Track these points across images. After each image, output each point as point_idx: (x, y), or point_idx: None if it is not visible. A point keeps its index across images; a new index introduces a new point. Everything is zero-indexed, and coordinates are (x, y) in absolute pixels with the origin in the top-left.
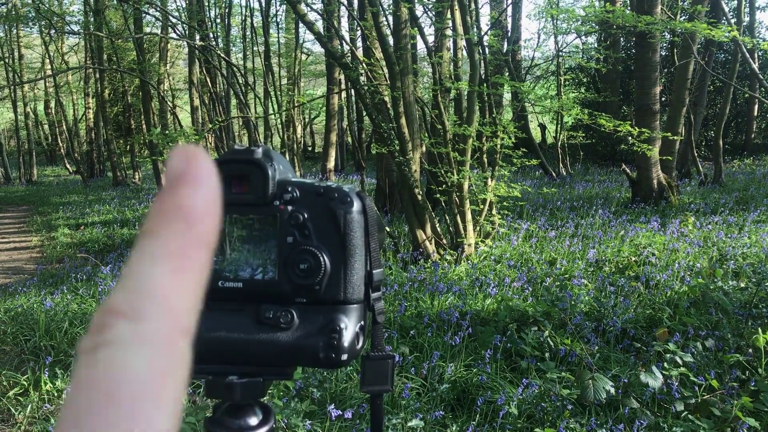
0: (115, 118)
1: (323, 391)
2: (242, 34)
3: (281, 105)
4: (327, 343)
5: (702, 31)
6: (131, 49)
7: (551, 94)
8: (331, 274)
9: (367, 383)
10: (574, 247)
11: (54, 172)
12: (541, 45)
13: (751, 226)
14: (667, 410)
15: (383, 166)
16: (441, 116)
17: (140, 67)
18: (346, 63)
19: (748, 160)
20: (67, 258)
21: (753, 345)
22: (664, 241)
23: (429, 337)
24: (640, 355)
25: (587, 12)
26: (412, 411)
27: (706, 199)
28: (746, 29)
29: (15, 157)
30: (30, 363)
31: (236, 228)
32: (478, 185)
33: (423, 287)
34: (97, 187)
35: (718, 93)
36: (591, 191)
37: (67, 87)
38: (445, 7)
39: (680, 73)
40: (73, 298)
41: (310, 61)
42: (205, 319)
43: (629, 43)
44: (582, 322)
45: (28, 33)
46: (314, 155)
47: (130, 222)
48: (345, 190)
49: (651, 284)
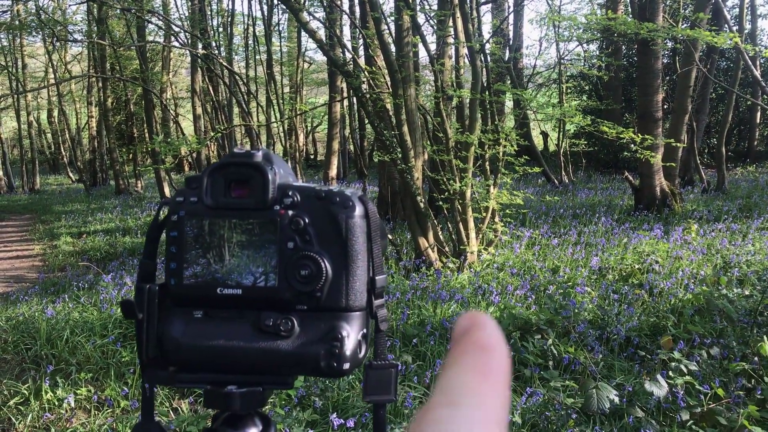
0: (118, 127)
1: (325, 400)
2: (245, 42)
3: (283, 113)
4: (328, 351)
5: (704, 38)
6: (134, 58)
7: (553, 102)
8: (332, 281)
9: (369, 393)
10: (577, 254)
11: (57, 181)
12: (543, 53)
13: (755, 233)
14: (672, 419)
15: (385, 173)
16: (443, 124)
17: (143, 76)
18: (348, 71)
19: (751, 168)
20: (69, 266)
21: (758, 353)
22: (668, 249)
23: (432, 346)
24: (645, 364)
25: (589, 19)
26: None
27: (709, 207)
28: (748, 37)
29: (18, 165)
30: (31, 372)
31: (236, 233)
32: (480, 193)
33: (425, 295)
34: (100, 195)
35: (721, 100)
36: (594, 199)
37: (70, 96)
38: (447, 15)
39: (682, 81)
40: (75, 307)
41: (313, 70)
42: (203, 326)
43: (631, 50)
44: (586, 330)
45: (32, 42)
46: (316, 163)
47: (132, 230)
48: (347, 194)
49: (655, 292)
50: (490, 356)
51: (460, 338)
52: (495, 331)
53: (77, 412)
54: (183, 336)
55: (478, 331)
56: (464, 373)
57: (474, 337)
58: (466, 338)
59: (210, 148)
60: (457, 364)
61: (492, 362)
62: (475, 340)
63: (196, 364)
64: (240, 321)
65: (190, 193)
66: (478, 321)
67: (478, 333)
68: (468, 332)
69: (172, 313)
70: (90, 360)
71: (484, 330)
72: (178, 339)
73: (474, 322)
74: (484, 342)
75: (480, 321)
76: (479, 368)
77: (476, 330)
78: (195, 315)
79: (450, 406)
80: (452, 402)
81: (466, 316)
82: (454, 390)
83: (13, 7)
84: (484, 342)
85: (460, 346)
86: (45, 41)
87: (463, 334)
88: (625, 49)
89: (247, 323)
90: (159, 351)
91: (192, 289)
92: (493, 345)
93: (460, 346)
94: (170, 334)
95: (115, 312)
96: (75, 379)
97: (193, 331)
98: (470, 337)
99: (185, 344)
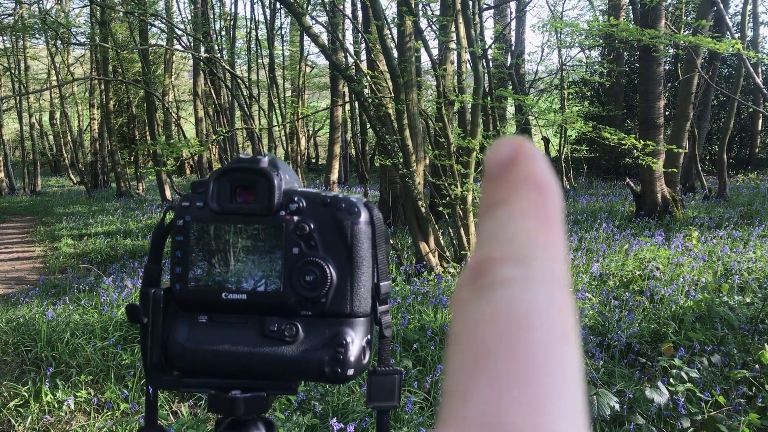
0: (120, 129)
1: (325, 405)
2: (247, 46)
3: (285, 117)
4: (333, 357)
5: (706, 44)
6: (136, 61)
7: (555, 108)
8: (337, 287)
9: (373, 399)
10: (578, 260)
11: (58, 183)
12: (544, 58)
13: (756, 240)
14: (673, 426)
15: (386, 178)
16: (445, 129)
17: (145, 79)
18: (350, 75)
19: (753, 175)
20: (69, 268)
21: (759, 361)
22: (669, 256)
23: (432, 351)
24: (646, 371)
25: (591, 26)
26: (415, 425)
27: (710, 214)
28: (750, 44)
29: (20, 167)
30: (31, 374)
31: (241, 238)
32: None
33: (426, 300)
34: (101, 197)
35: (722, 107)
36: (595, 205)
37: (72, 98)
38: (449, 20)
39: (684, 87)
40: (75, 309)
41: (315, 74)
42: (208, 331)
43: (633, 57)
44: (586, 336)
45: (35, 44)
46: (318, 167)
47: (133, 233)
48: (352, 200)
49: (656, 299)
50: (547, 197)
51: (504, 171)
52: (547, 167)
53: (77, 415)
54: (188, 341)
55: (527, 164)
56: (523, 218)
57: (524, 171)
58: (515, 171)
59: (212, 151)
60: (509, 204)
61: (550, 204)
62: (527, 175)
63: (201, 368)
64: (245, 326)
65: (196, 198)
66: (525, 151)
67: (529, 166)
68: (514, 164)
69: (177, 318)
70: (90, 362)
71: (536, 163)
72: (182, 344)
73: (519, 152)
74: (539, 178)
75: (527, 151)
76: (539, 212)
77: (525, 162)
78: (200, 320)
79: (519, 264)
80: (520, 257)
81: (506, 143)
82: (517, 240)
83: (17, 10)
84: (539, 178)
85: (509, 181)
86: (48, 43)
87: (508, 165)
88: (627, 55)
89: (251, 328)
90: (164, 355)
91: (197, 293)
92: (549, 182)
93: (508, 181)
94: (175, 338)
95: (115, 314)
96: (75, 382)
97: (197, 335)
98: (520, 171)
99: (190, 349)
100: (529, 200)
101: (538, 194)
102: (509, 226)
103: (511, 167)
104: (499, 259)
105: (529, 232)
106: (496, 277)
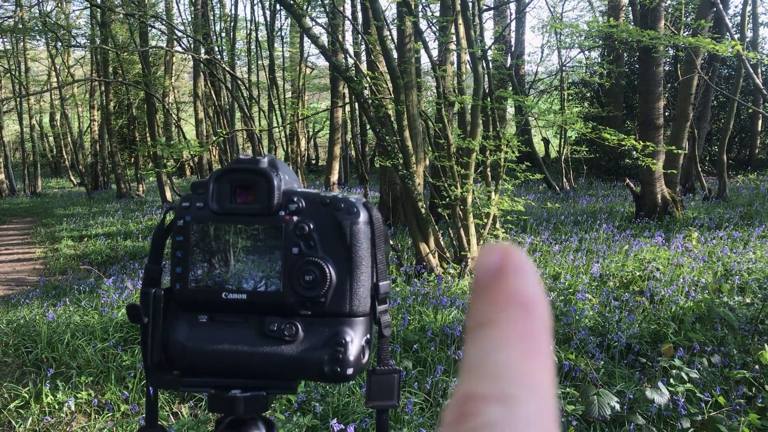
0: (120, 131)
1: (325, 405)
2: (247, 47)
3: (285, 118)
4: (332, 356)
5: (706, 45)
6: (137, 62)
7: (555, 109)
8: (336, 286)
9: (372, 398)
10: (578, 261)
11: (58, 184)
12: (544, 59)
13: (756, 241)
14: (673, 427)
15: (386, 179)
16: (445, 130)
17: (145, 80)
18: (350, 76)
19: (752, 175)
20: (70, 270)
21: (759, 361)
22: (669, 256)
23: (432, 352)
24: (646, 371)
25: (591, 27)
26: (415, 426)
27: (710, 214)
28: (750, 44)
29: (20, 168)
30: (31, 375)
31: (241, 238)
32: (481, 199)
33: (426, 301)
34: (101, 199)
35: (722, 108)
36: (595, 206)
37: (72, 99)
38: (449, 21)
39: (684, 88)
40: (76, 310)
41: (315, 75)
42: (208, 331)
43: (632, 57)
44: (586, 337)
45: (35, 46)
46: (318, 168)
47: (134, 234)
48: (351, 200)
49: (656, 299)
50: (535, 319)
51: (492, 283)
52: (535, 280)
53: (77, 416)
54: (188, 340)
55: (515, 279)
56: (509, 347)
57: (511, 287)
58: (501, 288)
59: (212, 153)
60: (495, 327)
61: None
62: (513, 292)
63: (201, 368)
64: (244, 326)
65: (196, 199)
66: (513, 262)
67: (516, 282)
68: (501, 277)
69: (177, 318)
70: (90, 363)
71: (523, 277)
72: (183, 343)
73: (507, 263)
74: (525, 297)
75: (516, 262)
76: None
77: (513, 276)
78: (200, 319)
79: (503, 403)
80: (505, 396)
81: (494, 251)
82: (502, 374)
83: (18, 12)
84: (525, 297)
85: (496, 298)
86: (48, 45)
87: (494, 277)
88: (627, 56)
89: (251, 328)
90: (164, 355)
91: (197, 293)
92: (537, 301)
93: (493, 297)
94: (175, 338)
95: (116, 316)
96: (75, 383)
97: (197, 335)
98: (506, 288)
99: (190, 348)
100: (516, 323)
101: (525, 316)
102: (494, 357)
103: (499, 280)
104: (483, 397)
105: (514, 365)
106: (481, 420)
